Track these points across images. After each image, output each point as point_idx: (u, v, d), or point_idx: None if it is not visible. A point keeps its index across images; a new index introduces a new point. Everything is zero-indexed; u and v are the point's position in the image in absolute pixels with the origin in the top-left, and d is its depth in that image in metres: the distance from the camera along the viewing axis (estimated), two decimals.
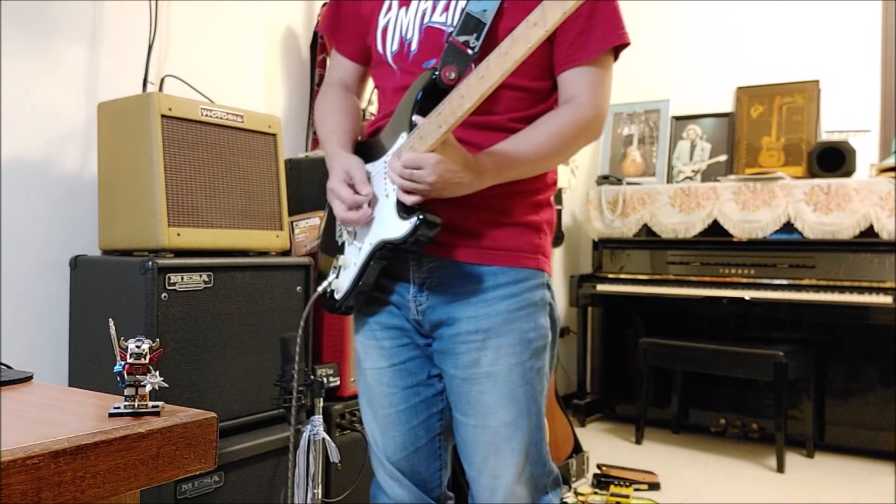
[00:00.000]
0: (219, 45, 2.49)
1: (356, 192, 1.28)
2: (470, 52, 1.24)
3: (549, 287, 1.38)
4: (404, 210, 1.23)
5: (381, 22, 1.37)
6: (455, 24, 1.28)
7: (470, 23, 1.25)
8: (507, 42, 1.10)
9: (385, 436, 1.40)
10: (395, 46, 1.34)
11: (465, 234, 1.30)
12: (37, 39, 1.99)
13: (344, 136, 1.40)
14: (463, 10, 1.26)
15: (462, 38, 1.24)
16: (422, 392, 1.38)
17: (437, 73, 1.23)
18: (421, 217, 1.20)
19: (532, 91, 1.32)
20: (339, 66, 1.51)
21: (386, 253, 1.27)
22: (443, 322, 1.32)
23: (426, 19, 1.31)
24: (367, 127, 1.46)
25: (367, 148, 1.35)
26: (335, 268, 1.37)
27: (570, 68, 1.31)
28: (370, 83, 1.53)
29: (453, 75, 1.22)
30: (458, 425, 1.35)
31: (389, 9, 1.36)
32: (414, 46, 1.32)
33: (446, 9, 1.30)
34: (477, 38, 1.24)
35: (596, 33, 1.28)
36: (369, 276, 1.31)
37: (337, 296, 1.36)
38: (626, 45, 1.31)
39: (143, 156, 1.79)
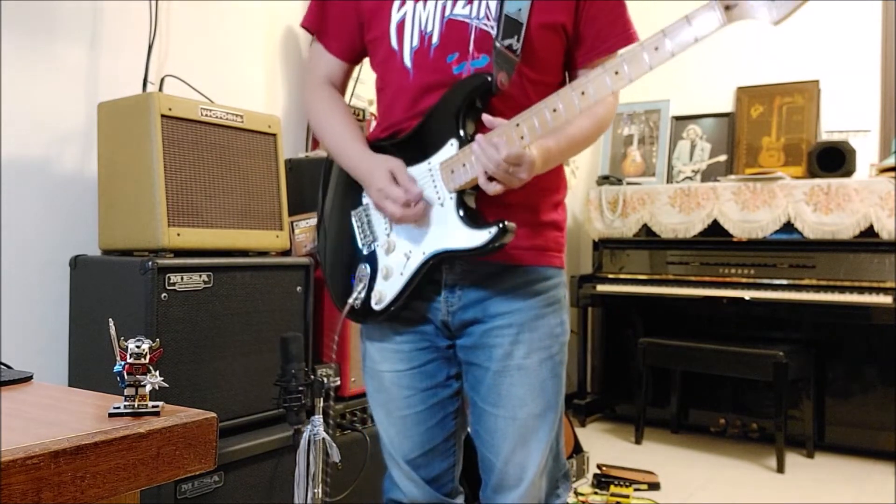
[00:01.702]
0: (219, 45, 2.49)
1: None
2: (514, 56, 1.25)
3: (565, 286, 1.42)
4: (472, 218, 1.24)
5: (395, 17, 1.34)
6: (480, 16, 1.28)
7: (510, 25, 1.26)
8: (617, 62, 1.12)
9: (401, 436, 1.42)
10: (416, 42, 1.31)
11: None
12: (37, 39, 1.99)
13: (362, 138, 1.39)
14: (498, 9, 1.26)
15: (506, 42, 1.25)
16: (439, 393, 1.40)
17: (491, 78, 1.23)
18: (501, 226, 1.21)
19: (552, 86, 1.35)
20: (325, 64, 1.48)
21: (443, 259, 1.29)
22: (475, 320, 1.34)
23: (448, 12, 1.30)
24: (375, 127, 1.45)
25: (396, 151, 1.34)
26: (360, 279, 1.36)
27: (590, 62, 1.36)
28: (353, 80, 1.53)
29: (506, 81, 1.24)
30: (485, 417, 1.36)
31: (403, 3, 1.33)
32: (435, 39, 1.30)
33: (470, 1, 1.29)
34: (518, 41, 1.25)
35: (616, 31, 1.35)
36: (417, 284, 1.31)
37: (378, 306, 1.35)
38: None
39: (143, 156, 1.79)
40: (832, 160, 3.54)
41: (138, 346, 0.77)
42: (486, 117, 1.21)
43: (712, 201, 3.65)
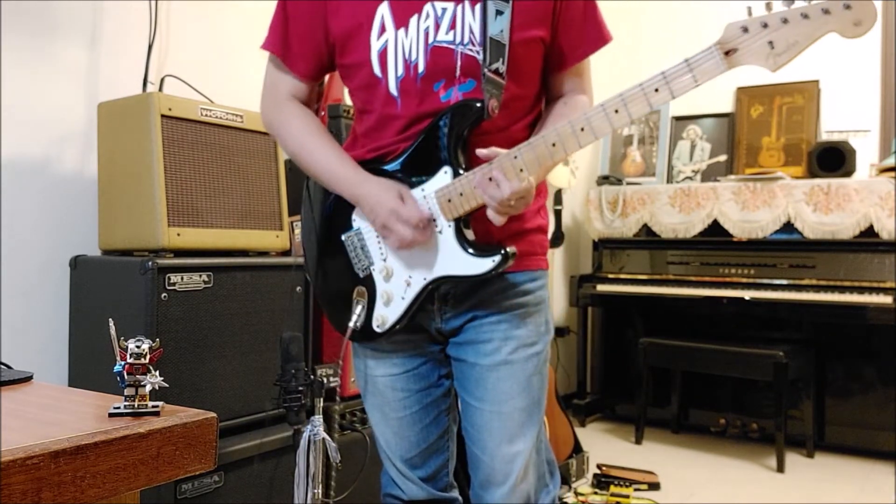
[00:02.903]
0: (219, 45, 2.49)
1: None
2: (501, 79, 1.26)
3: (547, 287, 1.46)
4: (474, 246, 1.26)
5: (376, 45, 1.31)
6: (464, 41, 1.28)
7: (495, 48, 1.26)
8: (618, 101, 1.14)
9: (398, 436, 1.44)
10: (401, 71, 1.29)
11: None
12: (37, 39, 1.99)
13: (351, 159, 1.36)
14: (482, 34, 1.26)
15: (494, 67, 1.25)
16: (432, 393, 1.43)
17: (481, 104, 1.23)
18: (504, 253, 1.23)
19: (533, 97, 1.38)
20: (289, 83, 1.42)
21: (441, 284, 1.31)
22: (467, 321, 1.37)
23: (431, 38, 1.28)
24: (352, 144, 1.43)
25: (387, 174, 1.32)
26: (359, 303, 1.36)
27: (568, 68, 1.39)
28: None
29: (497, 106, 1.25)
30: (472, 412, 1.39)
31: (383, 30, 1.30)
32: (421, 68, 1.28)
33: (452, 26, 1.28)
34: (503, 63, 1.26)
35: (589, 35, 1.38)
36: (418, 306, 1.33)
37: (381, 329, 1.35)
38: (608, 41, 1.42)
39: (143, 156, 1.79)
40: (832, 160, 3.54)
41: (138, 346, 0.77)
42: (480, 151, 1.22)
43: (712, 201, 3.65)
